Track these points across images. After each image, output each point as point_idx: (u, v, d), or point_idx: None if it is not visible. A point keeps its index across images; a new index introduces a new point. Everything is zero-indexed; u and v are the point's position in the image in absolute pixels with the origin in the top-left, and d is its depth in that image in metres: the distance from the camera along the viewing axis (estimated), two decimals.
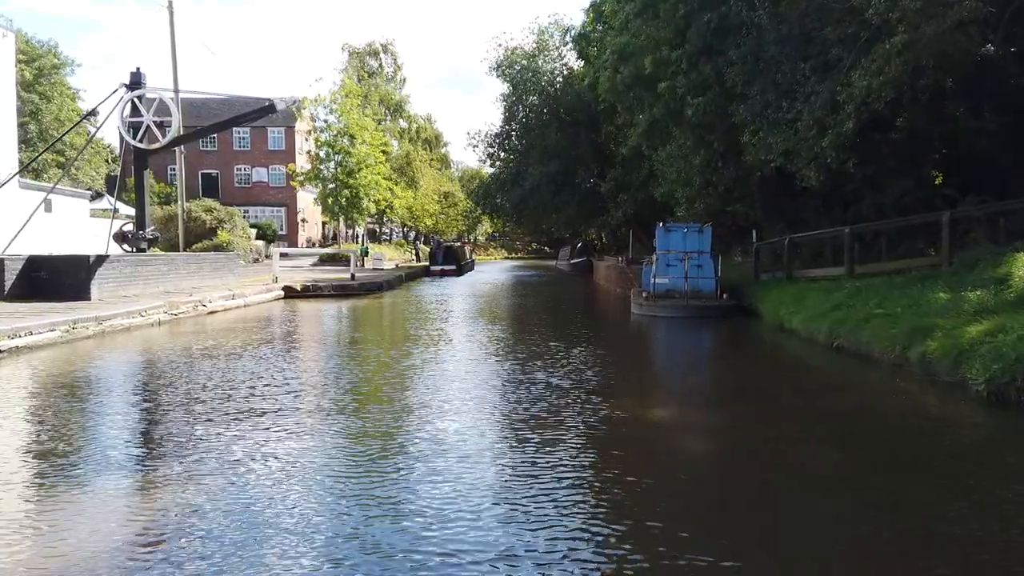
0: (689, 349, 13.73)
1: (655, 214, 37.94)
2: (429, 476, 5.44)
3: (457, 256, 45.80)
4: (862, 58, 15.19)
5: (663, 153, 23.64)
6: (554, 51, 52.72)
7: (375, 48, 68.40)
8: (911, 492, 5.20)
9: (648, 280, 20.61)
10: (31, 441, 6.58)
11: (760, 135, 17.37)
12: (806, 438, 6.78)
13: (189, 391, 8.60)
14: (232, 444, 6.29)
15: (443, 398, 8.25)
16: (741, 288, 19.03)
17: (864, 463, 5.97)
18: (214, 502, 4.89)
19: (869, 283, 13.85)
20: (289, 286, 23.61)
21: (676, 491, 5.34)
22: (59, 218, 30.49)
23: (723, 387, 9.45)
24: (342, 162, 44.40)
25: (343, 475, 5.51)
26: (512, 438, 6.57)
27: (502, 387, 8.82)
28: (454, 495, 5.04)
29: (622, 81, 24.13)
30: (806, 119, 15.75)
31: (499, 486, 5.26)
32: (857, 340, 10.98)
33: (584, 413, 7.43)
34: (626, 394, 8.90)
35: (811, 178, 16.01)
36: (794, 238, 18.53)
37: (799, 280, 17.66)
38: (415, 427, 6.92)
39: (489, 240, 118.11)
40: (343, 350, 12.51)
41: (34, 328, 11.83)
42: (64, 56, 51.45)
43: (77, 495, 5.12)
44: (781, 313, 14.59)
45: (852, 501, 5.02)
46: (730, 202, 24.08)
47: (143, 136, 20.69)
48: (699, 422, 7.54)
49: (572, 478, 5.45)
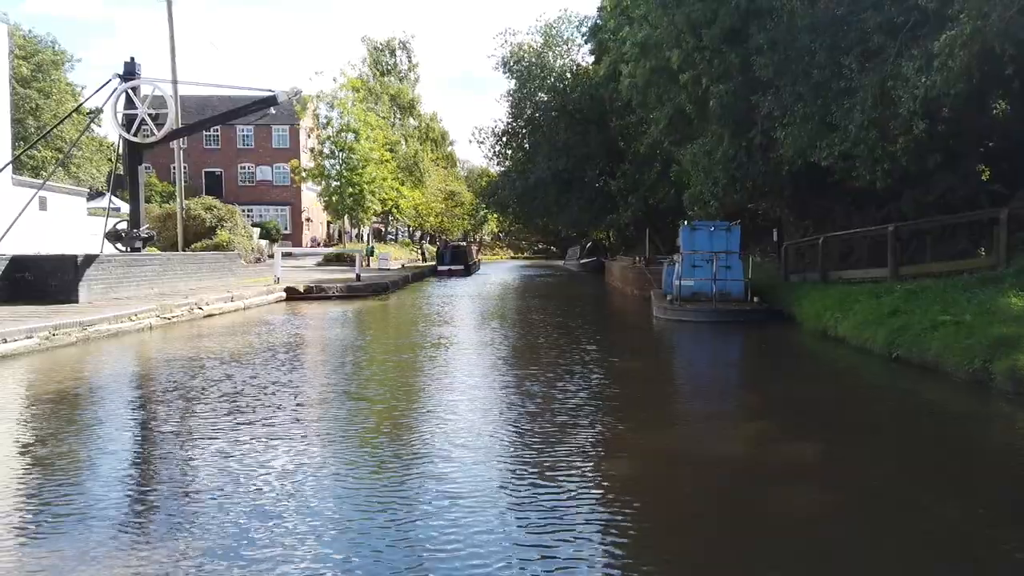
0: (729, 360, 12.53)
1: (667, 213, 36.87)
2: (446, 543, 4.32)
3: (464, 256, 44.68)
4: (911, 47, 14.04)
5: (688, 150, 22.47)
6: (563, 46, 51.62)
7: (393, 45, 67.25)
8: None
9: (670, 282, 19.45)
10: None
11: (791, 130, 16.18)
12: (915, 482, 5.57)
13: (170, 417, 7.49)
14: (220, 509, 5.17)
15: (454, 429, 7.11)
16: (769, 290, 17.85)
17: (1003, 517, 4.82)
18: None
19: (920, 286, 12.67)
20: (291, 287, 22.52)
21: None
22: (54, 216, 29.43)
23: (786, 410, 8.13)
24: (346, 159, 43.39)
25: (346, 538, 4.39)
26: (536, 486, 5.43)
27: (524, 411, 7.68)
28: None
29: (642, 75, 22.97)
30: (858, 118, 14.57)
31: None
32: (921, 351, 9.81)
33: (625, 452, 6.29)
34: (674, 419, 7.76)
35: (874, 182, 14.83)
36: (829, 237, 17.32)
37: (835, 282, 16.49)
38: (426, 473, 5.80)
39: (495, 240, 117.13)
40: (345, 363, 11.38)
41: (8, 335, 10.74)
42: (62, 51, 50.28)
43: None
44: (824, 318, 13.42)
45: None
46: (755, 199, 22.92)
47: (137, 129, 19.60)
48: (776, 460, 6.12)
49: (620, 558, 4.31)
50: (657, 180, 35.17)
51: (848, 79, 15.14)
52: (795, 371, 11.07)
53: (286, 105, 45.30)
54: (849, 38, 15.55)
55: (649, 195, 36.44)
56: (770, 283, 18.62)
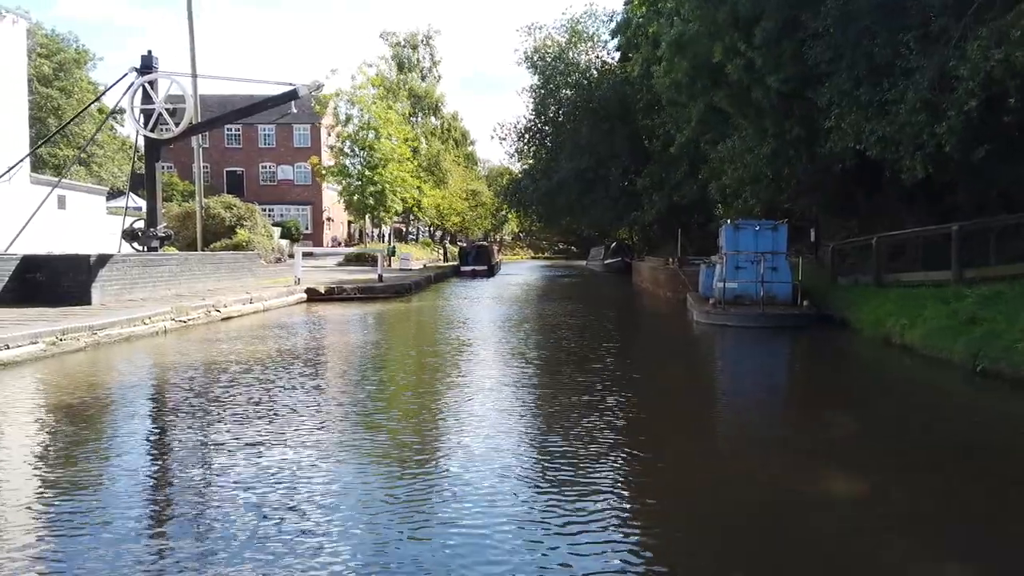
0: (790, 372, 11.44)
1: (692, 212, 35.71)
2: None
3: (488, 256, 43.86)
4: (979, 27, 12.92)
5: (725, 146, 21.41)
6: (588, 42, 50.57)
7: (416, 40, 66.24)
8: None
9: (709, 284, 18.44)
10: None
11: (850, 119, 15.10)
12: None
13: (179, 437, 6.68)
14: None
15: (483, 455, 6.22)
16: (815, 293, 16.77)
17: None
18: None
19: (993, 291, 11.56)
20: (312, 288, 21.77)
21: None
22: (73, 215, 29.04)
23: (878, 437, 6.94)
24: (367, 158, 42.74)
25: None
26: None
27: (569, 441, 6.76)
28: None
29: (682, 71, 21.94)
30: (911, 100, 13.46)
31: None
32: (1014, 363, 8.76)
33: (703, 487, 5.35)
34: (758, 446, 6.81)
35: (915, 170, 13.69)
36: (882, 236, 16.20)
37: (890, 285, 15.39)
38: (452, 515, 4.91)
39: (515, 239, 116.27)
40: (367, 376, 10.54)
41: (11, 341, 10.01)
42: (84, 49, 50.01)
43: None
44: (886, 325, 12.35)
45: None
46: (798, 197, 21.80)
47: (155, 124, 18.94)
48: (889, 509, 4.97)
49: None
50: (684, 179, 34.12)
51: (905, 59, 14.04)
52: (868, 385, 9.99)
53: (307, 104, 44.92)
54: (911, 17, 14.43)
55: (675, 194, 35.32)
56: (814, 285, 17.52)
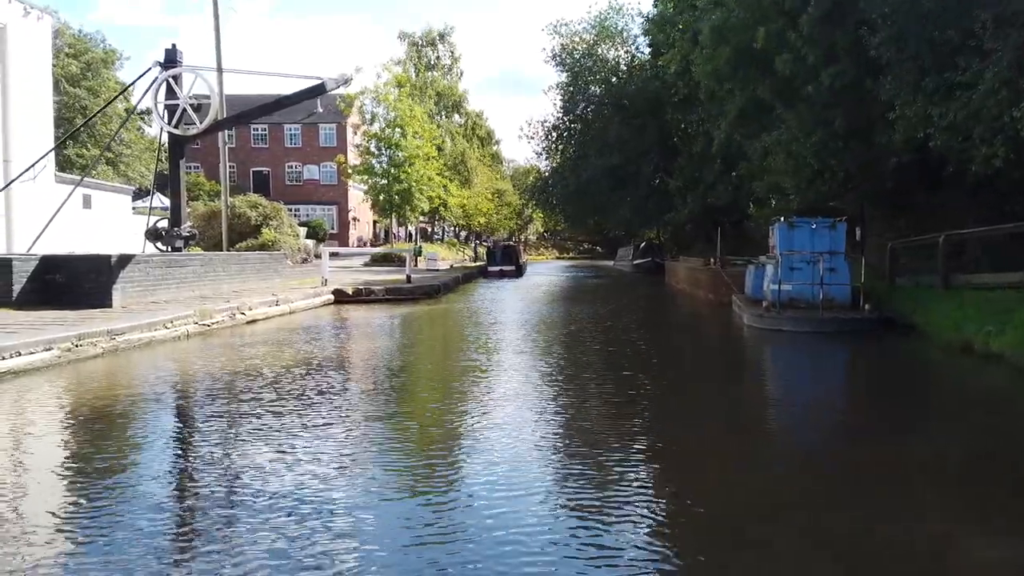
0: (867, 385, 10.26)
1: (727, 212, 34.50)
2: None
3: (516, 256, 43.04)
4: None
5: (769, 137, 20.32)
6: (617, 37, 49.51)
7: (432, 37, 65.57)
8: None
9: (758, 285, 17.41)
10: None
11: (915, 107, 14.00)
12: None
13: (190, 463, 5.89)
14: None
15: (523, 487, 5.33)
16: (874, 295, 15.66)
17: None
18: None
19: None
20: (339, 289, 21.07)
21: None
22: (98, 215, 28.68)
23: (984, 470, 6.12)
24: (392, 156, 42.15)
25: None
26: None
27: (626, 470, 5.86)
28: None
29: (725, 59, 20.91)
30: (988, 80, 12.34)
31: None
32: None
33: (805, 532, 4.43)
34: (864, 494, 5.86)
35: (995, 156, 12.55)
36: (951, 235, 15.04)
37: (959, 287, 14.25)
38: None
39: (540, 239, 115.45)
40: (398, 393, 9.73)
41: (23, 347, 9.33)
42: (112, 49, 49.95)
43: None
44: (966, 330, 11.26)
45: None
46: (844, 192, 20.63)
47: (179, 120, 18.33)
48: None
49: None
50: (718, 179, 32.99)
51: (980, 39, 12.92)
52: (967, 400, 8.89)
53: (332, 103, 44.44)
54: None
55: (709, 194, 34.15)
56: (871, 287, 16.40)
